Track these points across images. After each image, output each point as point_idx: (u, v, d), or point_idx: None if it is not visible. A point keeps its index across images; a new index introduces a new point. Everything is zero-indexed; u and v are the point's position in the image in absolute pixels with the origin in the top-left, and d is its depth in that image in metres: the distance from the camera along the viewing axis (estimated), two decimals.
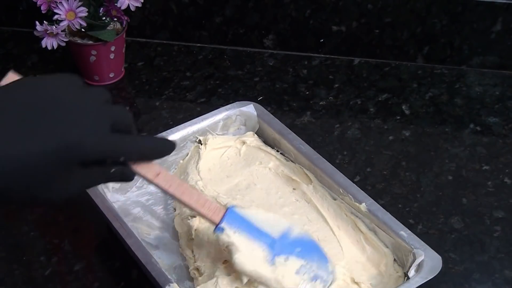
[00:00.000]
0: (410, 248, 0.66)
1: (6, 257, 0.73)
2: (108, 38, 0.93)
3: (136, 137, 0.56)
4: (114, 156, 0.53)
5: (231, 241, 0.60)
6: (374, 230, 0.69)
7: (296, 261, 0.62)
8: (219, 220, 0.60)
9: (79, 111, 0.50)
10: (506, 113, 0.92)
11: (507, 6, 0.94)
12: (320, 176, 0.75)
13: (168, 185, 0.58)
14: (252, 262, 0.60)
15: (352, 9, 0.99)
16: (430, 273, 0.63)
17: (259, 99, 0.96)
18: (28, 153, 0.47)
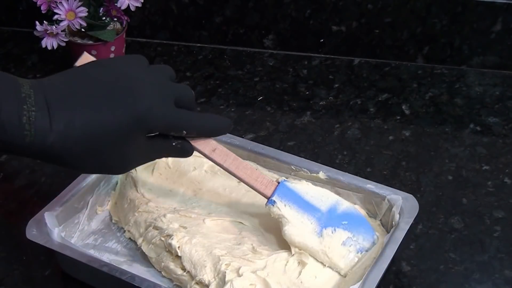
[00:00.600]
0: (382, 197, 0.69)
1: (6, 257, 0.73)
2: (108, 38, 0.93)
3: (198, 114, 0.61)
4: (177, 130, 0.58)
5: (281, 214, 0.64)
6: (338, 193, 0.71)
7: (343, 233, 0.65)
8: (271, 194, 0.64)
9: (148, 86, 0.55)
10: (506, 113, 0.92)
11: (507, 6, 0.94)
12: (264, 161, 0.74)
13: (223, 160, 0.63)
14: (301, 233, 0.64)
15: (352, 9, 0.99)
16: (410, 214, 0.67)
17: (259, 99, 0.96)
18: (106, 120, 0.52)
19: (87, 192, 0.71)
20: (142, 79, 0.56)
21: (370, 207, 0.71)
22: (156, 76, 0.58)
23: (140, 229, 0.69)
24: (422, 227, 0.75)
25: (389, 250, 0.64)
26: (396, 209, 0.68)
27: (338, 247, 0.64)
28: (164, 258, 0.66)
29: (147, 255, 0.68)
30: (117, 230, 0.72)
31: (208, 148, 0.62)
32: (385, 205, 0.70)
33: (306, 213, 0.65)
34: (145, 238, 0.68)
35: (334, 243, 0.64)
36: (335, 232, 0.65)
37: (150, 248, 0.67)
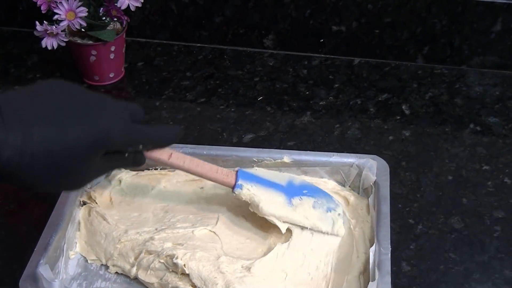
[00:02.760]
0: (349, 164, 0.74)
1: (6, 257, 0.73)
2: (108, 38, 0.93)
3: (152, 127, 0.62)
4: (135, 145, 0.59)
5: (252, 194, 0.67)
6: (306, 172, 0.75)
7: (308, 200, 0.70)
8: (234, 181, 0.68)
9: (105, 105, 0.56)
10: (506, 113, 0.92)
11: (507, 6, 0.94)
12: (223, 161, 0.75)
13: (182, 162, 0.65)
14: (276, 207, 0.68)
15: (352, 9, 0.99)
16: (384, 172, 0.73)
17: (259, 99, 0.96)
18: (66, 137, 0.51)
19: (60, 238, 0.68)
20: (100, 97, 0.56)
21: (338, 177, 0.75)
22: (107, 96, 0.58)
23: (129, 259, 0.68)
24: (422, 227, 0.75)
25: (384, 207, 0.68)
26: (368, 171, 0.73)
27: (311, 210, 0.69)
28: (169, 279, 0.65)
29: (147, 281, 0.67)
30: (98, 268, 0.70)
31: (164, 155, 0.63)
32: (353, 171, 0.74)
33: (271, 189, 0.69)
34: (139, 266, 0.67)
35: (306, 209, 0.69)
36: (302, 199, 0.70)
37: (149, 274, 0.67)
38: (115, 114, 0.55)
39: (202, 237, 0.69)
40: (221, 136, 0.89)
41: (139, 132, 0.58)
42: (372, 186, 0.72)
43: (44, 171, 0.51)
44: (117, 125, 0.55)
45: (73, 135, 0.51)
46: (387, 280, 0.61)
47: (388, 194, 0.70)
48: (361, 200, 0.74)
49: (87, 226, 0.72)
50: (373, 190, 0.72)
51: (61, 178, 0.53)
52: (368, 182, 0.73)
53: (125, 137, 0.56)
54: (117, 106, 0.57)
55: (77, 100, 0.54)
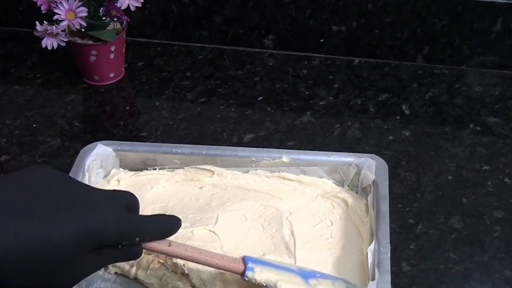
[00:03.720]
0: (348, 163, 0.74)
1: None
2: (108, 38, 0.93)
3: (149, 218, 0.57)
4: (130, 239, 0.53)
5: (266, 275, 0.61)
6: (305, 172, 0.75)
7: (325, 281, 0.64)
8: (243, 266, 0.61)
9: (98, 194, 0.51)
10: (506, 113, 0.92)
11: (507, 6, 0.94)
12: (222, 161, 0.75)
13: (184, 250, 0.59)
14: (295, 286, 0.61)
15: (352, 9, 0.99)
16: (383, 171, 0.73)
17: (259, 99, 0.96)
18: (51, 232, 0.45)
19: None
20: (89, 188, 0.52)
21: (337, 176, 0.75)
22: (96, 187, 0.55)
23: None
24: (422, 227, 0.75)
25: (383, 206, 0.68)
26: (367, 170, 0.73)
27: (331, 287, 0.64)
28: (169, 279, 0.65)
29: (147, 281, 0.66)
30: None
31: (163, 244, 0.58)
32: (352, 170, 0.74)
33: (284, 271, 0.63)
34: (139, 266, 0.67)
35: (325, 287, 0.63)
36: (318, 280, 0.64)
37: (148, 274, 0.66)
38: (106, 205, 0.50)
39: (201, 237, 0.68)
40: (221, 136, 0.89)
41: (135, 223, 0.53)
42: (371, 185, 0.72)
43: (23, 270, 0.45)
44: (110, 218, 0.49)
45: (57, 230, 0.46)
46: (387, 279, 0.61)
47: (387, 193, 0.70)
48: (359, 200, 0.74)
49: None
50: (372, 189, 0.72)
51: (44, 279, 0.46)
52: (367, 181, 0.73)
53: (118, 231, 0.50)
54: (109, 196, 0.52)
55: (65, 191, 0.49)
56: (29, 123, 0.91)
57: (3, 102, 0.96)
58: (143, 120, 0.92)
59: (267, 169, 0.76)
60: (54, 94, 0.98)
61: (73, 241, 0.46)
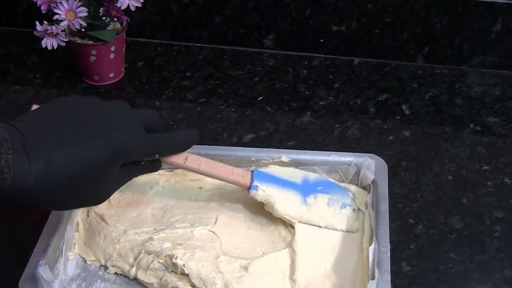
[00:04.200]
0: (347, 163, 0.74)
1: (6, 257, 0.73)
2: (108, 38, 0.93)
3: (167, 134, 0.62)
4: (151, 155, 0.60)
5: (267, 195, 0.68)
6: None
7: (323, 197, 0.71)
8: (250, 182, 0.68)
9: (118, 116, 0.57)
10: (506, 113, 0.92)
11: (507, 6, 0.94)
12: (221, 161, 0.73)
13: (198, 165, 0.66)
14: (290, 207, 0.69)
15: (352, 9, 0.99)
16: (382, 171, 0.73)
17: (259, 99, 0.96)
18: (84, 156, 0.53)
19: (59, 239, 0.68)
20: (110, 111, 0.57)
21: (336, 176, 0.76)
22: (120, 105, 0.59)
23: (128, 260, 0.68)
24: (422, 227, 0.75)
25: (383, 206, 0.69)
26: (366, 169, 0.73)
27: (326, 208, 0.70)
28: (169, 279, 0.65)
29: (147, 282, 0.66)
30: (97, 269, 0.70)
31: (180, 159, 0.64)
32: (352, 170, 0.75)
33: (286, 189, 0.70)
34: (139, 266, 0.67)
35: (320, 207, 0.70)
36: (316, 197, 0.70)
37: (148, 274, 0.66)
38: (129, 126, 0.57)
39: (201, 237, 0.69)
40: (221, 136, 0.89)
41: (154, 142, 0.59)
42: (371, 185, 0.73)
43: (68, 192, 0.53)
44: (132, 138, 0.56)
45: (91, 154, 0.53)
46: (387, 279, 0.61)
47: (386, 193, 0.71)
48: (362, 194, 0.74)
49: (85, 227, 0.72)
50: (372, 188, 0.72)
51: (84, 195, 0.55)
52: (367, 180, 0.73)
53: (140, 150, 0.58)
54: (131, 116, 0.58)
55: (92, 116, 0.56)
56: None
57: (3, 102, 0.96)
58: None
59: None
60: (54, 94, 0.98)
61: (104, 162, 0.54)
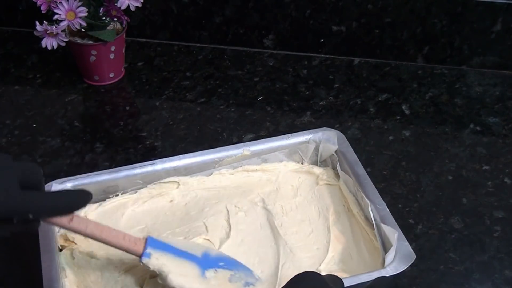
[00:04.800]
0: (305, 141, 0.77)
1: (6, 257, 0.73)
2: (108, 38, 0.93)
3: (48, 195, 0.56)
4: (21, 215, 0.51)
5: (160, 263, 0.61)
6: (266, 160, 0.78)
7: (224, 272, 0.63)
8: (143, 249, 0.61)
9: None
10: (506, 113, 0.92)
11: (507, 6, 0.94)
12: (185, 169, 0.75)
13: (85, 227, 0.58)
14: (186, 279, 0.61)
15: (352, 9, 0.99)
16: (343, 141, 0.77)
17: (259, 99, 0.96)
18: None
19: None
20: None
21: (296, 156, 0.78)
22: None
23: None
24: (422, 227, 0.75)
25: (359, 170, 0.73)
26: (326, 142, 0.76)
27: (227, 284, 0.63)
28: None
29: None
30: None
31: (64, 219, 0.57)
32: (311, 147, 0.77)
33: (183, 260, 0.63)
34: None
35: (221, 282, 0.63)
36: (217, 272, 0.63)
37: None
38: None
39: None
40: (221, 136, 0.89)
41: (28, 200, 0.52)
42: (335, 155, 0.76)
43: None
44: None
45: None
46: (399, 230, 0.65)
47: (356, 159, 0.74)
48: (326, 170, 0.77)
49: (74, 270, 0.67)
50: (338, 158, 0.75)
51: None
52: (328, 153, 0.76)
53: (7, 206, 0.50)
54: (4, 169, 0.52)
55: None
56: (29, 123, 0.91)
57: (3, 102, 0.96)
58: (143, 120, 0.92)
59: (230, 166, 0.76)
60: (54, 94, 0.98)
61: None
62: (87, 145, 0.87)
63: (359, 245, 0.69)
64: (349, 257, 0.68)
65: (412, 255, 0.64)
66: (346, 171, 0.74)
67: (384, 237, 0.67)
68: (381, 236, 0.67)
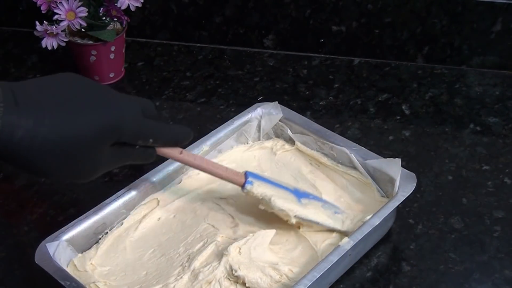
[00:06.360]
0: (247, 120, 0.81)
1: (6, 257, 0.73)
2: (108, 38, 0.93)
3: (163, 124, 0.63)
4: (145, 139, 0.59)
5: (262, 190, 0.68)
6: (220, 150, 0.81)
7: (316, 202, 0.71)
8: (244, 178, 0.68)
9: (118, 96, 0.57)
10: (506, 113, 0.92)
11: (507, 6, 0.94)
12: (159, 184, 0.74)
13: (193, 159, 0.66)
14: (287, 202, 0.68)
15: (352, 9, 0.99)
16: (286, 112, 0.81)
17: (259, 99, 0.96)
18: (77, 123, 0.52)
19: None
20: (111, 91, 0.57)
21: (242, 138, 0.82)
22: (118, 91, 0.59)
23: None
24: (422, 227, 0.75)
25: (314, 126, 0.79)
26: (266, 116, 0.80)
27: (320, 209, 0.70)
28: None
29: None
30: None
31: (175, 152, 0.64)
32: (253, 125, 0.81)
33: (281, 188, 0.70)
34: None
35: (315, 208, 0.70)
36: (310, 200, 0.71)
37: None
38: (126, 106, 0.56)
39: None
40: None
41: (150, 126, 0.59)
42: (280, 123, 0.80)
43: (54, 156, 0.52)
44: (128, 116, 0.56)
45: (83, 122, 0.52)
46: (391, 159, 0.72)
47: (306, 118, 0.80)
48: (276, 140, 0.81)
49: None
50: (286, 125, 0.80)
51: (70, 165, 0.53)
52: (271, 124, 0.81)
53: (135, 129, 0.57)
54: (129, 99, 0.58)
55: (91, 92, 0.55)
56: None
57: None
58: None
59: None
60: None
61: (96, 133, 0.53)
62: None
63: (349, 189, 0.75)
64: (346, 204, 0.74)
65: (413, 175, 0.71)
66: (301, 133, 0.78)
67: (374, 172, 0.74)
68: (369, 173, 0.74)
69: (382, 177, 0.74)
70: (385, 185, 0.74)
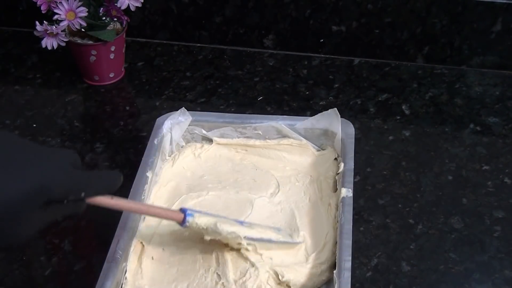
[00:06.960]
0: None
1: (6, 257, 0.73)
2: (108, 38, 0.93)
3: (94, 173, 0.61)
4: (77, 192, 0.55)
5: (205, 219, 0.65)
6: None
7: (257, 224, 0.70)
8: (183, 215, 0.65)
9: (45, 155, 0.53)
10: (506, 113, 0.92)
11: (507, 6, 0.94)
12: None
13: (126, 203, 0.62)
14: (232, 226, 0.66)
15: (352, 9, 0.99)
16: None
17: (259, 99, 0.96)
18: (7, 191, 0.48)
19: None
20: (38, 147, 0.54)
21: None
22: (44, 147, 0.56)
23: None
24: (422, 227, 0.75)
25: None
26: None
27: (264, 228, 0.69)
28: None
29: None
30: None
31: (106, 198, 0.60)
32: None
33: (220, 217, 0.68)
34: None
35: (260, 227, 0.69)
36: (251, 224, 0.69)
37: None
38: (55, 163, 0.53)
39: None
40: None
41: (81, 179, 0.55)
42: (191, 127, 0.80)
43: None
44: (58, 173, 0.52)
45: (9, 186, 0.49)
46: None
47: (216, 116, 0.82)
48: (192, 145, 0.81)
49: None
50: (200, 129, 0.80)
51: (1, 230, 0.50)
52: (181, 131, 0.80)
53: (66, 185, 0.53)
54: (57, 154, 0.54)
55: (15, 152, 0.51)
56: (29, 123, 0.91)
57: (3, 102, 0.96)
58: (143, 120, 0.92)
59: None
60: (54, 94, 0.98)
61: (24, 196, 0.49)
62: (87, 145, 0.87)
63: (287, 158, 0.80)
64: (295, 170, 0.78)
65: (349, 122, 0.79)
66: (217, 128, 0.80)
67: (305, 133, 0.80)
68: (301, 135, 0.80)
69: (314, 134, 0.80)
70: (319, 139, 0.80)
